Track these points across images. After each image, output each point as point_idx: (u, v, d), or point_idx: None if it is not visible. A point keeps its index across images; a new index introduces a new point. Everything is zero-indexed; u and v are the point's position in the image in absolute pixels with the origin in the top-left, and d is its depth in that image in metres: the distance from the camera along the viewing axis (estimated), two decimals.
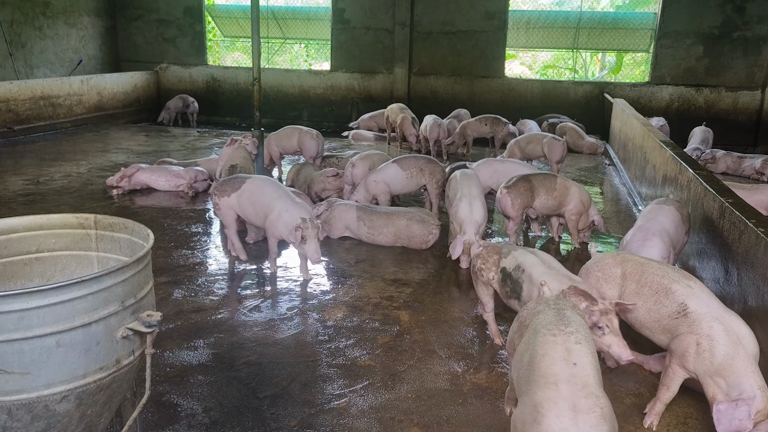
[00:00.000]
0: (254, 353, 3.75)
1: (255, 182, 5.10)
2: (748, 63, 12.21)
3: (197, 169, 7.51)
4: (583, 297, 3.12)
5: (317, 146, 7.99)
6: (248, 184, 5.07)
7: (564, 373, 2.25)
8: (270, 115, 12.93)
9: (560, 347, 2.38)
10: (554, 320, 2.56)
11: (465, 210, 5.11)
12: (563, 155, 8.22)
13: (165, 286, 4.65)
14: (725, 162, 9.41)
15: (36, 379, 2.06)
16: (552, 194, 5.60)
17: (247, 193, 5.03)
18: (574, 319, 2.57)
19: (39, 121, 11.38)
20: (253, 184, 5.08)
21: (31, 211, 5.93)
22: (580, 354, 2.35)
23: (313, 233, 4.60)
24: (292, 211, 4.73)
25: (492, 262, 3.82)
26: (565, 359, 2.32)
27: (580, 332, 2.48)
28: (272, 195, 4.93)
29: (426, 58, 13.56)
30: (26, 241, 2.70)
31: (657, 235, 4.17)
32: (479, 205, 5.17)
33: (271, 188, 5.03)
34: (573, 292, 3.18)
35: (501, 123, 10.33)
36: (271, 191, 4.98)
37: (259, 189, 5.02)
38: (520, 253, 3.71)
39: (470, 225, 5.02)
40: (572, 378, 2.23)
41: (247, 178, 5.18)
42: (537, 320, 2.59)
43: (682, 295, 3.13)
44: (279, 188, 5.07)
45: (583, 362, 2.33)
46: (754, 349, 2.89)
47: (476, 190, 5.35)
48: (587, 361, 2.34)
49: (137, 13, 14.77)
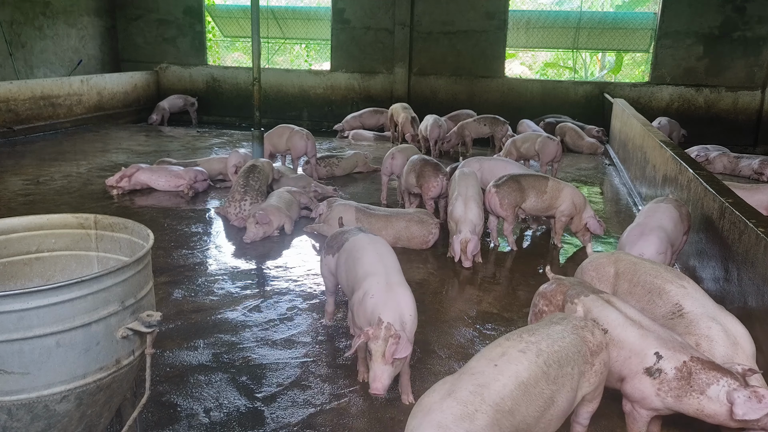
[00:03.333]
0: (254, 353, 3.75)
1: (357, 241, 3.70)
2: (748, 63, 12.21)
3: (197, 170, 7.51)
4: (717, 372, 2.56)
5: (305, 146, 7.99)
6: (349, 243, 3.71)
7: (484, 368, 2.30)
8: (270, 115, 12.92)
9: (499, 348, 2.41)
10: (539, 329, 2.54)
11: (460, 209, 5.18)
12: (556, 155, 8.21)
13: (165, 286, 4.65)
14: (722, 162, 9.40)
15: (36, 379, 2.06)
16: (542, 197, 5.60)
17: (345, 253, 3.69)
18: (557, 337, 2.49)
19: (39, 121, 11.37)
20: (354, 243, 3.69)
21: (31, 211, 5.93)
22: (511, 360, 2.33)
23: (380, 350, 2.84)
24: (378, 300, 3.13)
25: (556, 305, 3.13)
26: (491, 359, 2.34)
27: (539, 347, 2.40)
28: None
29: (426, 58, 13.55)
30: (26, 241, 2.70)
31: (653, 232, 4.18)
32: (474, 205, 5.21)
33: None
34: (700, 366, 2.58)
35: (500, 123, 10.37)
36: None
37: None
38: (594, 302, 2.96)
39: (465, 224, 5.09)
40: (478, 374, 2.26)
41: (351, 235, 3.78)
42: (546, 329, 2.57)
43: (677, 296, 3.13)
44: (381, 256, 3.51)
45: (508, 369, 2.29)
46: (751, 349, 2.89)
47: (473, 189, 5.38)
48: (512, 369, 2.29)
49: (137, 13, 14.77)
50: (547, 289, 3.22)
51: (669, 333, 2.77)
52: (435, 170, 6.10)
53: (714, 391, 2.51)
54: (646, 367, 2.65)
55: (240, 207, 6.10)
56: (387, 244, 3.69)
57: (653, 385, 2.63)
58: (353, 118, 12.19)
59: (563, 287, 3.15)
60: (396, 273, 3.35)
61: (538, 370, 2.35)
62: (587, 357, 2.57)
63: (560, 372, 2.43)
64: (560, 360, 2.45)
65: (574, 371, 2.49)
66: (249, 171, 6.43)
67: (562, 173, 8.97)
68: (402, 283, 3.27)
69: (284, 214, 5.93)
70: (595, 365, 2.59)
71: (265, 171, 6.65)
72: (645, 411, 2.72)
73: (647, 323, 2.81)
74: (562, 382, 2.43)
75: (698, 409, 2.56)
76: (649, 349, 2.67)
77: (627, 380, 2.73)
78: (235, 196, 6.21)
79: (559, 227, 5.78)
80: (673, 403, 2.62)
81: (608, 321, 2.84)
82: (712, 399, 2.52)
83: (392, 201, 7.24)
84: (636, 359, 2.69)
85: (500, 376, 2.26)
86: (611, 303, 2.94)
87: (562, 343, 2.50)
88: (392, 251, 3.63)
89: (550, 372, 2.39)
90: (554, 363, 2.42)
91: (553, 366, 2.41)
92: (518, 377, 2.28)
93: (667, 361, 2.61)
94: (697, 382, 2.54)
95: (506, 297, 4.75)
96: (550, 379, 2.37)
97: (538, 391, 2.32)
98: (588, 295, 3.01)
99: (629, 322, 2.80)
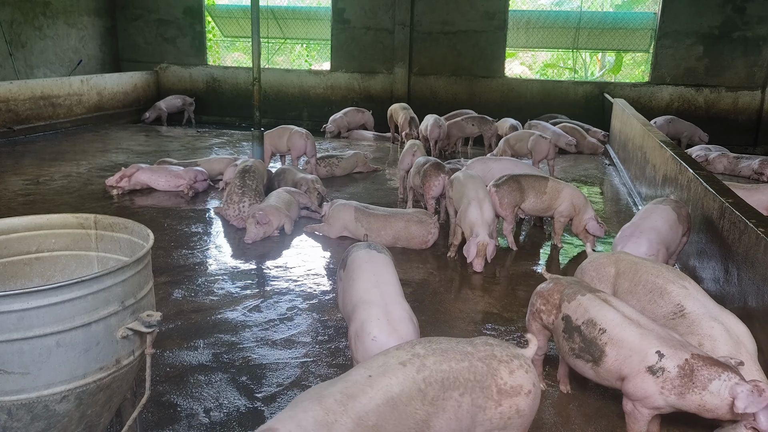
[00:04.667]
0: (254, 353, 3.75)
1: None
2: (748, 63, 12.21)
3: (197, 170, 7.52)
4: (718, 367, 2.56)
5: (305, 145, 8.01)
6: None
7: (358, 377, 2.27)
8: (270, 115, 12.92)
9: (383, 358, 2.33)
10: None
11: (475, 212, 5.07)
12: (548, 154, 8.36)
13: (165, 286, 4.65)
14: (722, 163, 9.41)
15: (36, 379, 2.06)
16: (541, 197, 5.60)
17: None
18: (456, 357, 2.29)
19: (39, 121, 11.37)
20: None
21: (31, 211, 5.93)
22: (386, 372, 2.22)
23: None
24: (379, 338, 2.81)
25: (553, 304, 3.11)
26: (369, 368, 2.28)
27: (424, 362, 2.24)
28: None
29: (426, 58, 13.55)
30: (26, 241, 2.70)
31: (644, 233, 4.17)
32: (489, 206, 5.16)
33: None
34: (702, 363, 2.58)
35: (488, 122, 10.48)
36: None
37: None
38: (591, 302, 2.94)
39: (482, 227, 4.99)
40: (351, 383, 2.22)
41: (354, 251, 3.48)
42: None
43: (678, 296, 3.13)
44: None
45: (379, 382, 2.19)
46: (754, 348, 2.90)
47: (483, 191, 5.31)
48: (383, 383, 2.18)
49: (137, 13, 14.76)
50: (545, 289, 3.21)
51: (667, 331, 2.77)
52: (436, 170, 6.11)
53: (716, 386, 2.52)
54: (648, 366, 2.65)
55: (239, 207, 6.11)
56: (388, 262, 3.30)
57: (656, 384, 2.63)
58: (340, 117, 12.12)
59: (560, 286, 3.14)
60: (396, 302, 2.95)
61: (413, 387, 2.17)
62: (490, 392, 2.30)
63: (443, 394, 2.22)
64: (445, 381, 2.24)
65: (464, 399, 2.26)
66: (244, 172, 6.44)
67: (562, 173, 8.97)
68: (403, 317, 2.88)
69: (284, 214, 5.94)
70: (502, 406, 2.31)
71: (260, 171, 6.68)
72: (647, 410, 2.72)
73: (645, 322, 2.80)
74: (443, 406, 2.22)
75: (700, 404, 2.56)
76: (650, 347, 2.67)
77: (628, 379, 2.73)
78: (233, 197, 6.22)
79: (559, 228, 5.78)
80: (675, 400, 2.62)
81: (606, 320, 2.83)
82: (714, 394, 2.52)
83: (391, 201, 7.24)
84: (637, 358, 2.68)
85: (369, 389, 2.14)
86: (608, 302, 2.92)
87: (456, 364, 2.28)
88: (392, 269, 3.25)
89: (428, 392, 2.20)
90: (436, 383, 2.22)
91: (434, 386, 2.21)
92: (388, 392, 2.14)
93: (669, 359, 2.61)
94: (700, 379, 2.55)
95: (506, 297, 4.74)
96: (427, 399, 2.19)
97: (410, 410, 2.15)
98: (585, 294, 3.00)
99: (628, 321, 2.79)
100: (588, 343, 2.87)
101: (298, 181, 6.93)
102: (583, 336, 2.89)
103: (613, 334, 2.78)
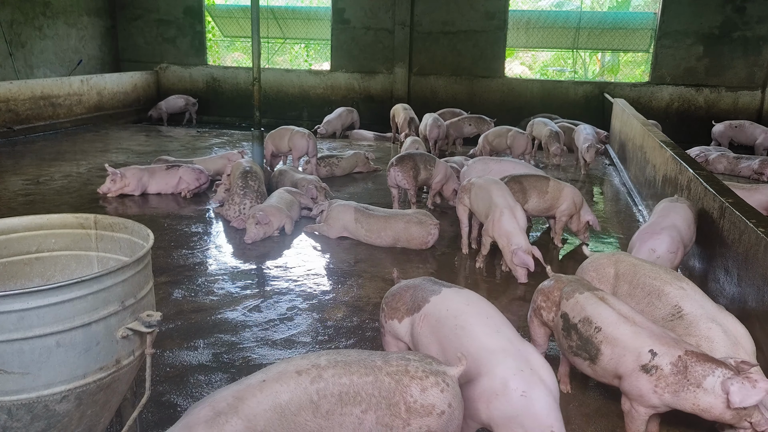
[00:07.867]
0: (254, 353, 3.75)
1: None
2: (748, 63, 12.21)
3: (197, 169, 7.49)
4: (712, 363, 2.55)
5: (306, 145, 8.02)
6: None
7: (252, 380, 2.22)
8: (270, 115, 12.92)
9: (284, 364, 2.25)
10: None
11: (509, 221, 4.77)
12: (526, 148, 8.82)
13: (165, 286, 4.65)
14: (722, 163, 9.41)
15: (36, 379, 2.06)
16: (544, 197, 5.60)
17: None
18: (360, 371, 2.17)
19: (39, 121, 11.37)
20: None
21: (31, 211, 5.93)
22: (280, 378, 2.15)
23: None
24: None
25: (553, 301, 3.12)
26: (266, 372, 2.23)
27: (320, 373, 2.15)
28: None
29: (426, 58, 13.56)
30: (26, 241, 2.70)
31: (666, 230, 4.17)
32: (521, 213, 4.93)
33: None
34: (695, 359, 2.56)
35: (485, 122, 10.62)
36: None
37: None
38: (588, 300, 2.93)
39: (520, 235, 4.74)
40: (245, 385, 2.18)
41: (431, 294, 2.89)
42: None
43: (676, 297, 3.13)
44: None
45: (270, 387, 2.12)
46: (752, 348, 2.90)
47: (511, 197, 5.05)
48: (273, 389, 2.11)
49: (137, 13, 14.77)
50: (545, 286, 3.24)
51: (662, 329, 2.77)
52: (394, 162, 6.59)
53: (710, 383, 2.51)
54: (642, 365, 2.65)
55: (240, 208, 6.11)
56: (483, 299, 2.83)
57: (650, 382, 2.63)
58: (334, 119, 12.09)
59: (560, 284, 3.16)
60: (522, 342, 2.56)
61: (304, 397, 2.09)
62: (398, 410, 2.14)
63: (340, 409, 2.11)
64: (344, 395, 2.13)
65: (367, 416, 2.13)
66: (245, 173, 6.44)
67: (563, 173, 8.98)
68: (540, 359, 2.51)
69: (284, 214, 5.94)
70: (411, 426, 2.15)
71: (260, 173, 6.68)
72: (643, 409, 2.71)
73: (640, 320, 2.80)
74: (341, 421, 2.12)
75: (695, 403, 2.56)
76: (644, 346, 2.67)
77: (624, 378, 2.73)
78: (234, 198, 6.22)
79: (560, 227, 5.79)
80: (670, 399, 2.61)
81: (601, 318, 2.84)
82: (708, 391, 2.51)
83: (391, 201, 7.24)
84: (631, 356, 2.69)
85: (259, 393, 2.10)
86: (605, 300, 2.92)
87: (358, 378, 2.15)
88: (493, 307, 2.78)
89: (321, 404, 2.10)
90: (332, 396, 2.11)
91: (329, 399, 2.11)
92: (276, 399, 2.08)
93: (662, 357, 2.61)
94: (693, 375, 2.54)
95: (506, 297, 4.74)
96: (319, 412, 2.10)
97: (299, 420, 2.08)
98: (583, 292, 3.01)
99: (623, 320, 2.79)
100: (584, 342, 2.88)
101: (297, 182, 6.94)
102: (579, 334, 2.91)
103: (607, 332, 2.79)
